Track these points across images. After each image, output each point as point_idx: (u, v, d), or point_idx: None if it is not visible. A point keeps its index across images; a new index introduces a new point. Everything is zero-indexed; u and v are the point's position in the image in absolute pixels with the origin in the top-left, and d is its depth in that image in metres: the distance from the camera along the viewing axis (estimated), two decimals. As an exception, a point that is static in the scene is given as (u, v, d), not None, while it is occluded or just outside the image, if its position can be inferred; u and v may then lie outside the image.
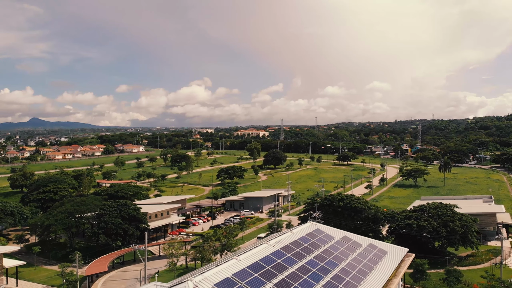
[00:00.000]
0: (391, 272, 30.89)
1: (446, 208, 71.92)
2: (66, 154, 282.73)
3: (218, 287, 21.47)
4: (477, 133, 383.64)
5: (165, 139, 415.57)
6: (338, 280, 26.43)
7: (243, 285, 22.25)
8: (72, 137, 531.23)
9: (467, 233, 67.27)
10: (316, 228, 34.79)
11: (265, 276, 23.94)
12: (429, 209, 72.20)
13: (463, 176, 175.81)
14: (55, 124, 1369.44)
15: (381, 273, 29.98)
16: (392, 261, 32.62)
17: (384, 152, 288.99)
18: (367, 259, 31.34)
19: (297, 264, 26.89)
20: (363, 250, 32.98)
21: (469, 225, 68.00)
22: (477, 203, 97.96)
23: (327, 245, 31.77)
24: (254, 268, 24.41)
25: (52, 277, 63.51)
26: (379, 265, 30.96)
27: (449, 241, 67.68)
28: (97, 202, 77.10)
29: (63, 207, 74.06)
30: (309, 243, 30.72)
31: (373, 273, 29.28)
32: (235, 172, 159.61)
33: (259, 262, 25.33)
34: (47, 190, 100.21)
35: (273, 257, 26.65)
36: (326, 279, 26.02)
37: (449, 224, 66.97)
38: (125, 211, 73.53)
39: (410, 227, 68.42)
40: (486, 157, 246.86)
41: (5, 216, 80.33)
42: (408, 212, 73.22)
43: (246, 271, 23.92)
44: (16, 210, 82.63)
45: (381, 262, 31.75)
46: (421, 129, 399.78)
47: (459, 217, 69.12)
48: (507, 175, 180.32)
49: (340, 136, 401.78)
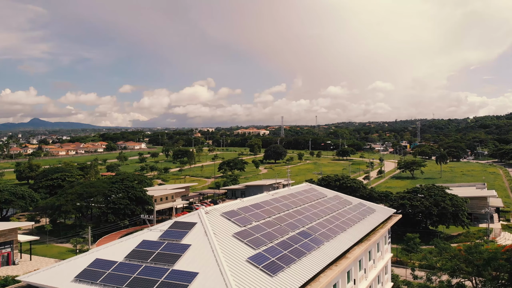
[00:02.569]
0: (378, 223, 34.36)
1: (438, 189, 75.40)
2: (69, 151, 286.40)
3: (225, 215, 25.01)
4: (477, 132, 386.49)
5: (166, 137, 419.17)
6: (329, 222, 29.91)
7: (245, 215, 25.80)
8: (73, 135, 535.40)
9: (457, 212, 70.74)
10: (310, 187, 38.30)
11: (265, 212, 27.47)
12: (421, 190, 75.67)
13: (459, 169, 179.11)
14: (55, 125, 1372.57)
15: (369, 222, 33.42)
16: (380, 216, 36.06)
17: (383, 149, 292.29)
18: (357, 211, 34.79)
19: (292, 209, 30.37)
20: (354, 206, 36.44)
21: (460, 204, 71.48)
22: (470, 189, 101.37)
23: (320, 199, 35.25)
24: (255, 207, 27.94)
25: (64, 253, 66.96)
26: (367, 217, 34.39)
27: (440, 219, 71.15)
28: (105, 185, 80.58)
29: (73, 189, 77.59)
30: (304, 196, 34.25)
31: (361, 222, 32.72)
32: (236, 165, 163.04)
33: (260, 204, 28.86)
34: (55, 177, 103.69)
35: (272, 202, 30.19)
36: (318, 221, 29.51)
37: (440, 203, 70.45)
38: (132, 192, 77.04)
39: (403, 206, 71.86)
40: (484, 152, 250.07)
41: (17, 199, 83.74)
42: (402, 193, 76.72)
43: (249, 207, 27.46)
44: (27, 194, 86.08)
45: (370, 216, 35.17)
46: (420, 127, 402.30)
47: (450, 197, 72.63)
48: (503, 168, 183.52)
49: (340, 134, 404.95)
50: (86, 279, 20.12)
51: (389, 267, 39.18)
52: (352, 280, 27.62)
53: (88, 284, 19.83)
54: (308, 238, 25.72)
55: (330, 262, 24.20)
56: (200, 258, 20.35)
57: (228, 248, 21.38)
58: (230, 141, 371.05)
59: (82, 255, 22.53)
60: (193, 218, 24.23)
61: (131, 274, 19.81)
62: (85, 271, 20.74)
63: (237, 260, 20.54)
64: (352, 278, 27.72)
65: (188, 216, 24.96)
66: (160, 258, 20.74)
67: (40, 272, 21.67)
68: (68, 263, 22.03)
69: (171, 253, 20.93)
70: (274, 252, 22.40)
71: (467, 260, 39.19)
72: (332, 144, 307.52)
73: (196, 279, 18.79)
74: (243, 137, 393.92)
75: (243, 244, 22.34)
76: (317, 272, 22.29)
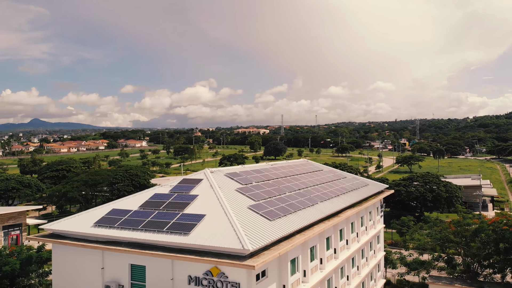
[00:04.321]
0: (371, 194, 36.78)
1: (432, 176, 77.82)
2: (71, 148, 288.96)
3: (228, 175, 27.45)
4: (476, 131, 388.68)
5: (167, 136, 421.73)
6: (324, 188, 32.28)
7: (247, 177, 28.21)
8: (74, 135, 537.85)
9: (451, 197, 73.13)
10: (308, 161, 40.78)
11: (264, 176, 29.95)
12: (416, 177, 78.08)
13: (457, 164, 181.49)
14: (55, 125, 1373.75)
15: (362, 192, 35.76)
16: (372, 188, 38.49)
17: (382, 146, 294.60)
18: (350, 183, 37.21)
19: (290, 176, 32.84)
20: (348, 179, 38.83)
21: (453, 190, 73.89)
22: (465, 180, 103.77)
23: (317, 171, 37.71)
24: (255, 171, 30.38)
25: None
26: (360, 188, 36.74)
27: (435, 205, 73.56)
28: (110, 173, 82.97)
29: (79, 177, 79.96)
30: (301, 167, 36.69)
31: (354, 191, 35.07)
32: (236, 159, 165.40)
33: (259, 169, 31.36)
34: (60, 168, 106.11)
35: (271, 169, 32.64)
36: (314, 186, 31.92)
37: (435, 189, 72.87)
38: (137, 180, 79.44)
39: (398, 193, 74.20)
40: (482, 149, 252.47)
41: (23, 188, 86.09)
42: (398, 180, 79.11)
43: (250, 171, 29.87)
44: (33, 183, 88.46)
45: (363, 187, 37.53)
46: (419, 125, 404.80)
47: (444, 184, 75.03)
48: (501, 164, 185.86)
49: (340, 132, 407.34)
50: (105, 224, 22.51)
51: (382, 237, 41.54)
52: (344, 239, 29.98)
53: (107, 228, 22.22)
54: (304, 197, 28.15)
55: (324, 217, 26.60)
56: (207, 204, 22.80)
57: (232, 199, 23.81)
58: (230, 139, 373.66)
59: (100, 207, 24.96)
60: (199, 175, 26.72)
61: (145, 218, 22.22)
62: (103, 218, 23.14)
63: (240, 207, 22.96)
64: (345, 237, 30.07)
65: (195, 175, 27.42)
66: (171, 205, 23.17)
67: (62, 221, 24.09)
68: (87, 213, 24.44)
69: (181, 202, 23.37)
70: (273, 204, 24.86)
71: (456, 232, 41.49)
72: (332, 142, 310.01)
73: (204, 219, 21.23)
74: (243, 136, 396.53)
75: (244, 197, 24.79)
76: (311, 223, 24.69)
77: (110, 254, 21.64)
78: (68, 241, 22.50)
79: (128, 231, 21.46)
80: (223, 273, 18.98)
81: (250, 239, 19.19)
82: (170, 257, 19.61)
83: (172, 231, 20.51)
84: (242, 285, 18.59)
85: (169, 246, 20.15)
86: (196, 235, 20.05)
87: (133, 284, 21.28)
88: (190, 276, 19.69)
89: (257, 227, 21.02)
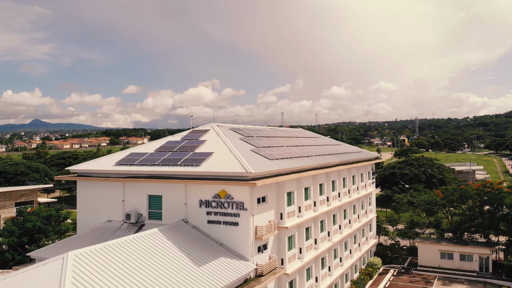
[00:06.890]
0: (362, 158, 40.00)
1: (426, 159, 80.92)
2: (74, 144, 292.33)
3: (232, 129, 30.92)
4: (475, 129, 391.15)
5: (168, 134, 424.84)
6: (319, 148, 35.59)
7: (249, 132, 31.66)
8: (75, 134, 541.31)
9: (444, 178, 76.18)
10: (305, 131, 44.08)
11: (264, 134, 33.41)
12: (411, 160, 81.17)
13: (455, 157, 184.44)
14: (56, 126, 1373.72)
15: (354, 155, 39.07)
16: (364, 155, 41.73)
17: (382, 143, 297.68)
18: (344, 148, 40.50)
19: (289, 137, 36.20)
20: (343, 146, 42.13)
21: (446, 171, 76.99)
22: (461, 167, 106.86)
23: (313, 138, 41.03)
24: (257, 130, 33.97)
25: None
26: (353, 153, 40.02)
27: (428, 186, 76.52)
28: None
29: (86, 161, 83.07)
30: (298, 133, 40.10)
31: (347, 154, 38.37)
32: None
33: (260, 129, 34.83)
34: (66, 156, 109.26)
35: (271, 131, 36.11)
36: (310, 146, 35.23)
37: (428, 170, 75.98)
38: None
39: (393, 175, 77.35)
40: (480, 145, 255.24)
41: (32, 172, 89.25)
42: (393, 163, 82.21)
43: (252, 129, 33.45)
44: (42, 168, 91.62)
45: (356, 153, 40.84)
46: (419, 124, 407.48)
47: (438, 166, 78.15)
48: (498, 158, 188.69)
49: (340, 130, 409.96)
50: (125, 163, 25.75)
51: (374, 199, 44.63)
52: (336, 191, 33.15)
53: (127, 166, 25.45)
54: (300, 151, 31.39)
55: (318, 167, 29.78)
56: (215, 146, 26.08)
57: (236, 143, 27.04)
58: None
59: (119, 152, 28.23)
60: (207, 127, 30.05)
61: (161, 157, 25.46)
62: (123, 159, 26.38)
63: (243, 150, 26.21)
64: (337, 190, 33.24)
65: (202, 127, 30.70)
66: (183, 148, 26.48)
67: (86, 163, 27.37)
68: (108, 157, 27.71)
69: (191, 145, 26.70)
70: (272, 150, 28.16)
71: (444, 197, 44.57)
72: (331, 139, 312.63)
73: (212, 155, 24.51)
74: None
75: (247, 144, 28.06)
76: (305, 169, 27.88)
77: (130, 187, 24.88)
78: (92, 178, 25.75)
79: (147, 166, 24.69)
80: (229, 195, 22.22)
81: (252, 166, 22.40)
82: (184, 182, 22.86)
83: (185, 164, 23.77)
84: (246, 204, 21.83)
85: (183, 175, 23.39)
86: (206, 165, 23.31)
87: (150, 212, 24.51)
88: (201, 200, 22.93)
89: (258, 163, 24.22)
